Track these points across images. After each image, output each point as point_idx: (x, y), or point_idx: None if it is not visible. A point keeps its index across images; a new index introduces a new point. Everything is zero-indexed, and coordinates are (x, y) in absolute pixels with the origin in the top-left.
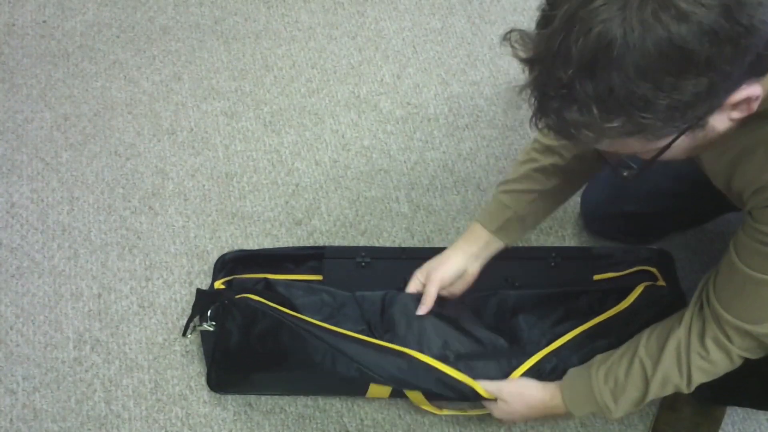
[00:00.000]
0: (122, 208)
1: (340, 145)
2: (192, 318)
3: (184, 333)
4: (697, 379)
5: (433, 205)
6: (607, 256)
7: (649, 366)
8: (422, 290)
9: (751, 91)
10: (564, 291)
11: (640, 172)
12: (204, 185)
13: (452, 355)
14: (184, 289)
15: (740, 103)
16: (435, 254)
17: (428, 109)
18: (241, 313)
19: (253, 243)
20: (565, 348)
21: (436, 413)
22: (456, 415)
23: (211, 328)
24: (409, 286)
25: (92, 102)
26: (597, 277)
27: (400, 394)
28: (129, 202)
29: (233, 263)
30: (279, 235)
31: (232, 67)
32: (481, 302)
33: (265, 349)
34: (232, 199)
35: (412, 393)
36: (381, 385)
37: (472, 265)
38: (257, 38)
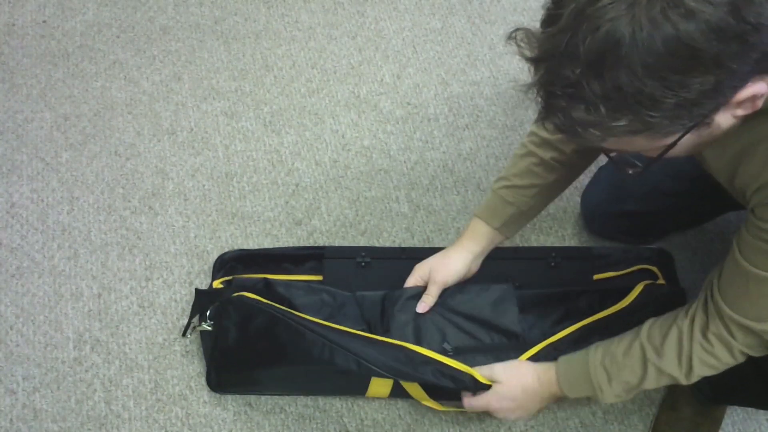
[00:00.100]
0: (122, 208)
1: (340, 145)
2: (191, 318)
3: (184, 333)
4: (698, 371)
5: (433, 205)
6: (607, 255)
7: (650, 351)
8: (421, 285)
9: (756, 88)
10: (564, 291)
11: (645, 170)
12: (204, 185)
13: (451, 350)
14: (184, 289)
15: (745, 101)
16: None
17: (428, 109)
18: (237, 311)
19: (253, 243)
20: (564, 342)
21: (438, 409)
22: (456, 416)
23: (210, 328)
24: (409, 281)
25: (92, 102)
26: (597, 277)
27: (400, 394)
28: (129, 202)
29: (232, 263)
30: (279, 235)
31: (232, 67)
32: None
33: (263, 345)
34: (232, 199)
35: (413, 389)
36: (381, 384)
37: (475, 263)
38: (257, 38)
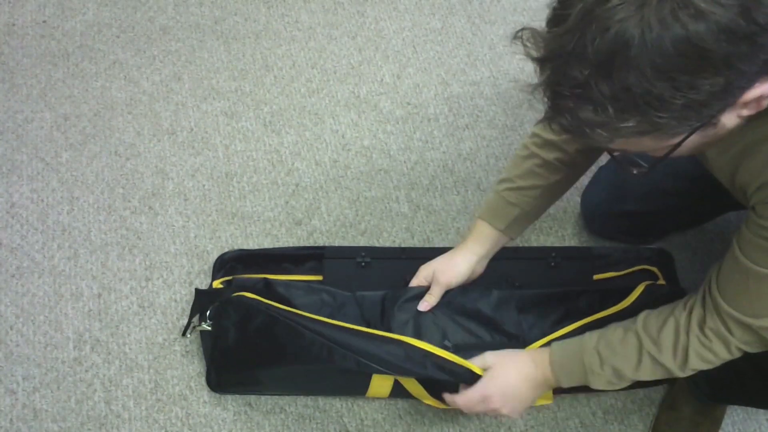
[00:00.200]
0: (122, 208)
1: (340, 145)
2: (191, 318)
3: (184, 333)
4: (694, 364)
5: (433, 205)
6: (607, 255)
7: (646, 340)
8: (425, 285)
9: (763, 89)
10: (564, 291)
11: (650, 170)
12: (204, 185)
13: (451, 347)
14: (184, 289)
15: (751, 102)
16: (435, 254)
17: (428, 109)
18: (236, 311)
19: (253, 243)
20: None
21: (438, 407)
22: (456, 416)
23: (210, 328)
24: (413, 282)
25: (92, 102)
26: (597, 277)
27: (401, 394)
28: (129, 202)
29: (232, 263)
30: (279, 235)
31: (232, 67)
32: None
33: (262, 344)
34: (232, 199)
35: (414, 387)
36: (381, 383)
37: (480, 265)
38: (257, 38)
